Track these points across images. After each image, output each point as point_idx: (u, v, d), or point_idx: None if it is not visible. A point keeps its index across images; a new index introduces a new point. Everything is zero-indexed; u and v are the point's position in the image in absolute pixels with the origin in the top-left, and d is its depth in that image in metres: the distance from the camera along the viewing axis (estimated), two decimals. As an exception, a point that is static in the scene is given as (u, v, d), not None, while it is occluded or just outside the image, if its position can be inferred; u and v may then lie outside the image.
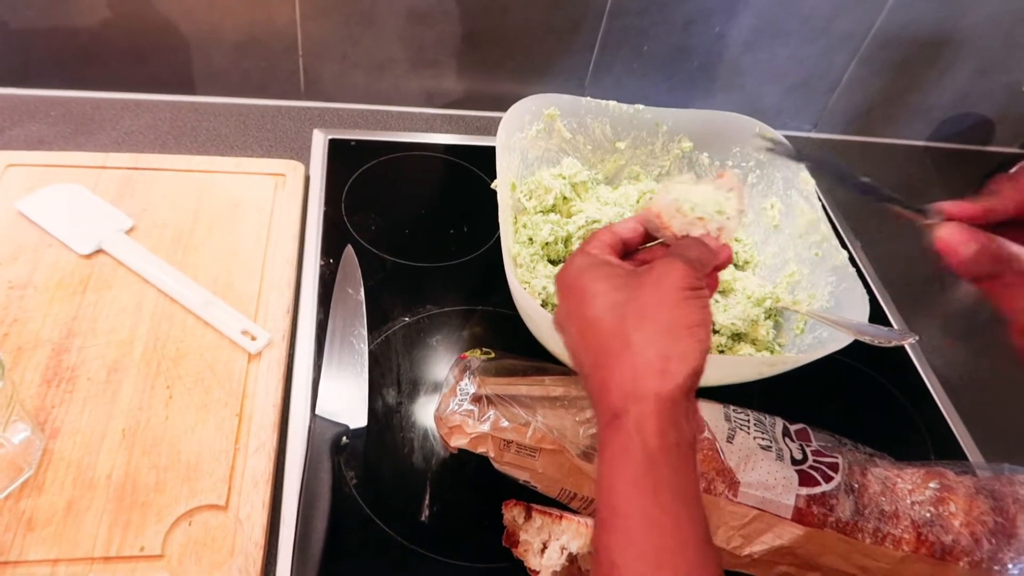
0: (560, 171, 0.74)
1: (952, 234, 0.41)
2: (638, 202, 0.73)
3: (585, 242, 0.46)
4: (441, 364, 0.67)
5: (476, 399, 0.56)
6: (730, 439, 0.55)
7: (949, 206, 0.42)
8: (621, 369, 0.38)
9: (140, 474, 0.55)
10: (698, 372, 0.39)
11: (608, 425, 0.38)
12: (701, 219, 0.45)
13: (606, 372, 0.39)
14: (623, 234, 0.47)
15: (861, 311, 0.60)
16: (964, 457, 0.69)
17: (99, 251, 0.68)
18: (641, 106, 0.75)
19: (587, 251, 0.45)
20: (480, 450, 0.55)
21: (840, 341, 0.58)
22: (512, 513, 0.56)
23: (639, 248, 0.48)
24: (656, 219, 0.46)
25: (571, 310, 0.42)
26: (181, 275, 0.67)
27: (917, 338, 0.57)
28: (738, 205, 0.47)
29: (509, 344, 0.64)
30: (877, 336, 0.57)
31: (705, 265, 0.43)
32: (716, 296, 0.70)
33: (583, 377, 0.41)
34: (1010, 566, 0.52)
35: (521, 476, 0.56)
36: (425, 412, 0.63)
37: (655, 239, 0.48)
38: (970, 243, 0.40)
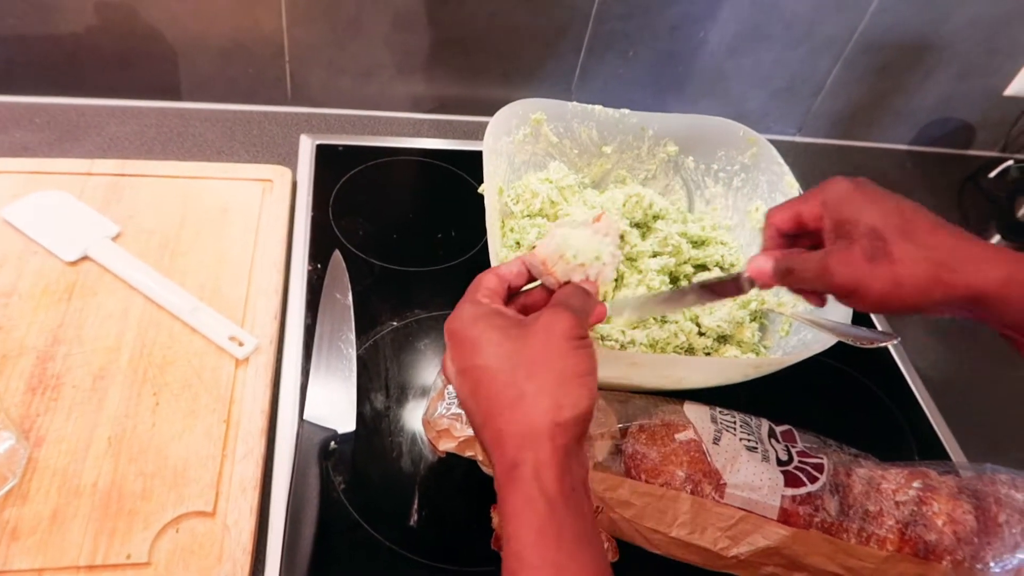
0: (547, 175, 0.75)
1: (754, 263, 0.48)
2: (624, 205, 0.73)
3: (471, 289, 0.46)
4: (429, 368, 0.67)
5: (464, 403, 0.56)
6: (716, 441, 0.56)
7: (755, 257, 0.49)
8: (515, 419, 0.39)
9: (126, 481, 0.55)
10: (587, 419, 0.40)
11: (506, 475, 0.38)
12: (582, 265, 0.46)
13: (501, 422, 0.39)
14: (508, 278, 0.47)
15: (844, 313, 0.60)
16: (947, 457, 0.70)
17: (85, 258, 0.68)
18: (627, 110, 0.76)
19: (476, 300, 0.45)
20: (468, 454, 0.55)
21: (824, 342, 0.58)
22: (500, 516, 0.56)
23: (520, 291, 0.49)
24: (541, 265, 0.47)
25: (462, 361, 0.42)
26: (168, 281, 0.67)
27: (898, 339, 0.58)
28: (613, 251, 0.48)
29: (497, 348, 0.64)
30: (860, 337, 0.57)
31: (587, 314, 0.44)
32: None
33: (476, 428, 0.42)
34: (992, 564, 0.53)
35: (509, 480, 0.56)
36: (413, 416, 0.64)
37: (536, 280, 0.49)
38: (767, 261, 0.48)
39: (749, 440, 0.57)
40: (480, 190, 0.67)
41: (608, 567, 0.38)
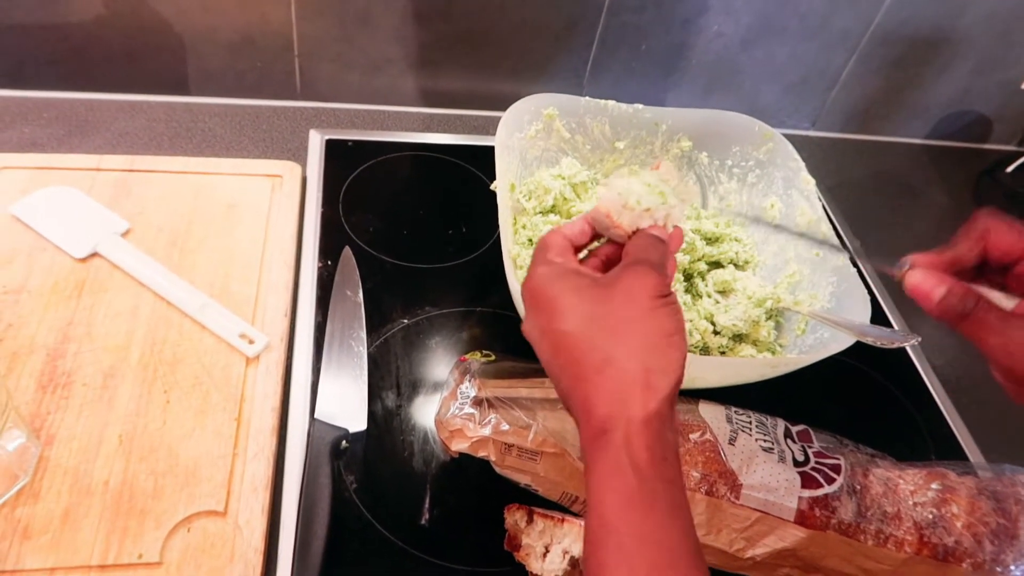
0: (559, 171, 0.74)
1: (923, 280, 0.43)
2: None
3: (541, 249, 0.45)
4: (441, 366, 0.67)
5: (477, 402, 0.55)
6: (732, 441, 0.55)
7: (918, 257, 0.44)
8: (604, 385, 0.38)
9: (138, 480, 0.54)
10: (679, 382, 0.38)
11: (595, 441, 0.37)
12: (648, 210, 0.45)
13: (589, 387, 0.38)
14: (572, 237, 0.46)
15: (863, 312, 0.60)
16: (965, 458, 0.69)
17: (94, 254, 0.68)
18: (640, 105, 0.75)
19: (549, 259, 0.44)
20: (481, 454, 0.55)
21: (842, 342, 0.58)
22: (514, 517, 0.55)
23: (587, 249, 0.48)
24: (606, 219, 0.46)
25: (542, 324, 0.41)
26: (177, 278, 0.67)
27: (919, 339, 0.57)
28: (681, 191, 0.47)
29: (509, 346, 0.64)
30: (880, 337, 0.56)
31: (666, 265, 0.43)
32: (717, 297, 0.70)
33: (561, 392, 0.41)
34: (1012, 567, 0.52)
35: (522, 480, 0.56)
36: (425, 415, 0.63)
37: (601, 237, 0.48)
38: (939, 286, 0.42)
39: (765, 440, 0.56)
40: (492, 187, 0.66)
41: (696, 540, 0.36)
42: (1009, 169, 1.02)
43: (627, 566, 0.34)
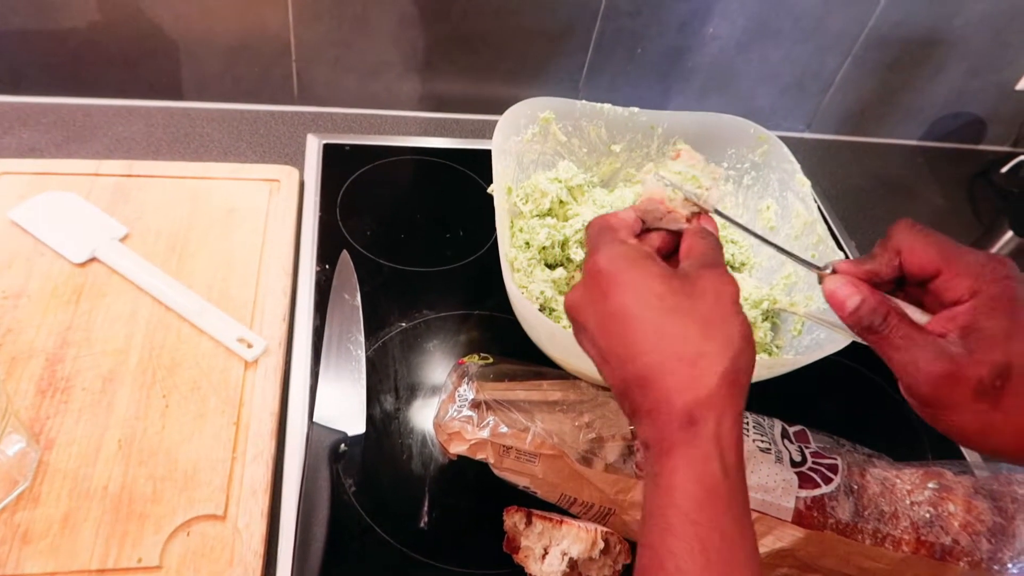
0: (556, 175, 0.74)
1: (839, 287, 0.41)
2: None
3: (608, 229, 0.44)
4: (439, 369, 0.67)
5: (475, 405, 0.56)
6: (729, 442, 0.55)
7: (840, 263, 0.43)
8: (698, 377, 0.37)
9: (137, 485, 0.55)
10: (749, 383, 0.39)
11: (680, 431, 0.37)
12: (688, 200, 0.46)
13: (673, 378, 0.38)
14: (632, 226, 0.46)
15: (858, 312, 0.60)
16: (961, 457, 0.69)
17: (93, 259, 0.68)
18: (636, 108, 0.75)
19: (622, 239, 0.43)
20: (479, 456, 0.55)
21: (838, 343, 0.58)
22: (513, 519, 0.55)
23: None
24: (660, 205, 0.46)
25: (609, 305, 0.40)
26: (176, 283, 0.67)
27: (912, 339, 0.57)
28: (709, 172, 0.48)
29: (506, 348, 0.64)
30: (875, 337, 0.56)
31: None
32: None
33: (619, 376, 0.40)
34: (1010, 566, 0.52)
35: (521, 482, 0.56)
36: (423, 418, 0.63)
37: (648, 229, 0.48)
38: (854, 295, 0.40)
39: (762, 441, 0.56)
40: (489, 190, 0.66)
41: (758, 548, 0.37)
42: (1003, 170, 1.03)
43: (703, 559, 0.34)
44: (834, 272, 0.42)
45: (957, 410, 0.36)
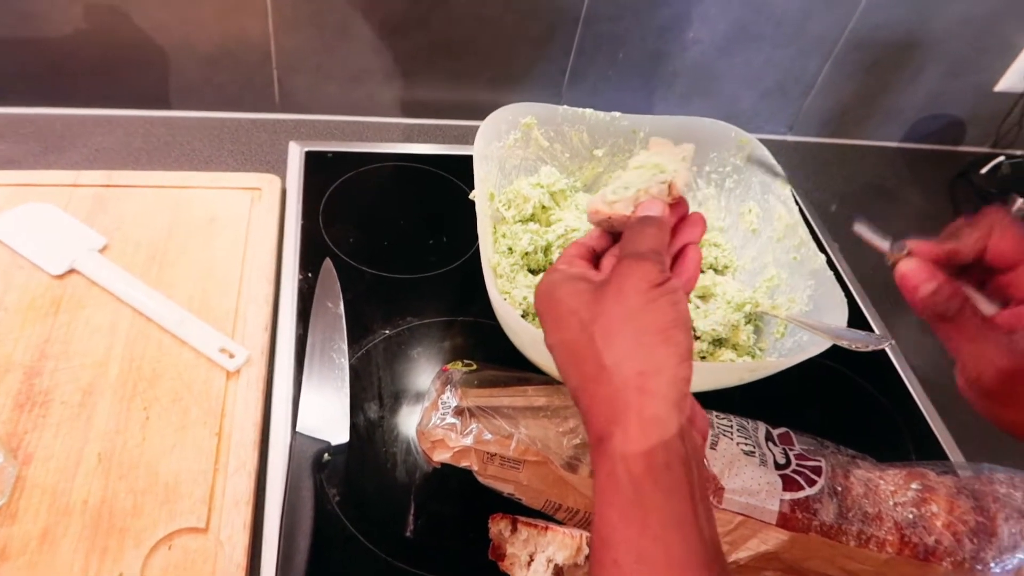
0: (538, 180, 0.74)
1: (914, 271, 0.40)
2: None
3: (558, 259, 0.45)
4: (423, 376, 0.67)
5: (458, 412, 0.55)
6: (713, 445, 0.55)
7: (915, 243, 0.42)
8: (600, 392, 0.36)
9: (117, 498, 0.54)
10: (680, 379, 0.36)
11: (595, 450, 0.36)
12: (640, 191, 0.43)
13: (588, 396, 0.37)
14: (589, 243, 0.45)
15: (840, 314, 0.60)
16: (944, 457, 0.70)
17: (72, 271, 0.67)
18: (618, 113, 0.75)
19: (557, 268, 0.43)
20: (463, 464, 0.55)
21: (820, 344, 0.58)
22: (498, 526, 0.55)
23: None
24: (599, 216, 0.44)
25: (548, 336, 0.41)
26: (156, 293, 0.66)
27: (892, 342, 0.58)
28: (676, 153, 0.45)
29: (490, 354, 0.64)
30: (855, 340, 0.57)
31: (661, 250, 0.40)
32: (696, 301, 0.70)
33: (574, 400, 0.39)
34: (992, 565, 0.52)
35: (505, 489, 0.56)
36: (407, 426, 0.63)
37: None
38: (930, 282, 0.40)
39: (746, 444, 0.56)
40: (471, 196, 0.66)
41: (708, 550, 0.34)
42: (983, 171, 1.04)
43: None
44: (909, 254, 0.41)
45: (1019, 407, 0.37)
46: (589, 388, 0.37)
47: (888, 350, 0.78)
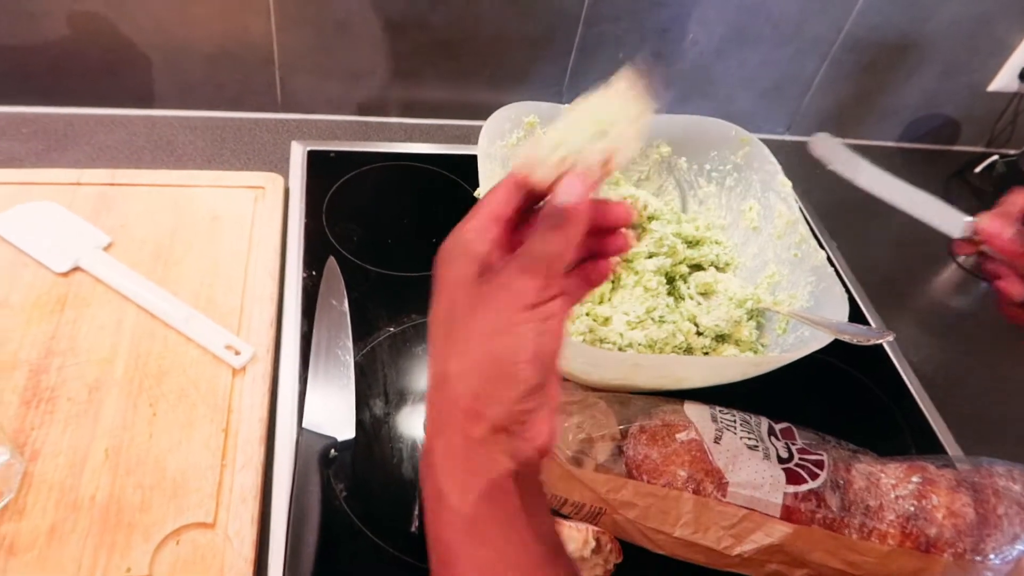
0: (541, 178, 0.74)
1: (991, 222, 0.51)
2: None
3: (474, 216, 0.36)
4: (427, 374, 0.67)
5: (465, 408, 0.56)
6: (717, 440, 0.56)
7: (982, 214, 0.51)
8: (435, 402, 0.34)
9: (125, 494, 0.54)
10: (517, 412, 0.32)
11: (423, 458, 0.34)
12: (567, 157, 0.35)
13: (429, 392, 0.34)
14: (509, 206, 0.36)
15: (841, 310, 0.61)
16: (943, 451, 0.71)
17: (76, 269, 0.67)
18: (619, 112, 0.76)
19: (466, 230, 0.35)
20: (470, 459, 0.55)
21: (821, 340, 0.59)
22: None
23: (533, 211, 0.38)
24: (518, 175, 0.36)
25: (433, 301, 0.35)
26: (161, 291, 0.66)
27: (894, 336, 0.59)
28: (634, 114, 0.36)
29: (495, 352, 0.64)
30: (856, 335, 0.58)
31: (561, 254, 0.34)
32: (699, 299, 0.71)
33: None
34: (992, 556, 0.53)
35: (512, 483, 0.56)
36: (413, 422, 0.63)
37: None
38: (1008, 227, 0.50)
39: (750, 438, 0.57)
40: (476, 194, 0.67)
41: (549, 548, 0.33)
42: (978, 170, 1.05)
43: None
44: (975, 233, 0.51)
45: None
46: (431, 385, 0.34)
47: (887, 347, 0.79)
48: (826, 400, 0.72)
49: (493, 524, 0.32)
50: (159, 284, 0.67)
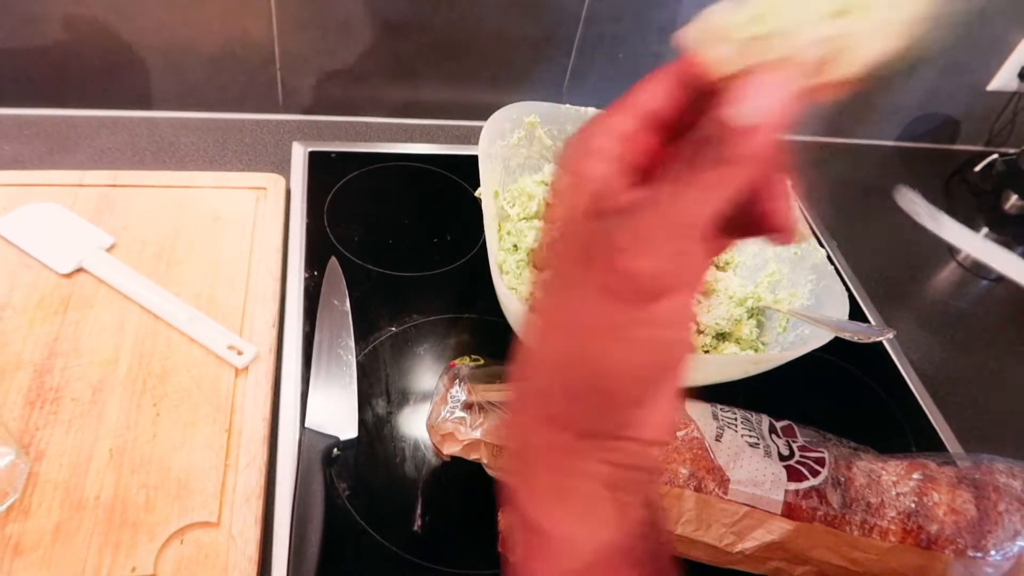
0: (542, 178, 0.75)
1: None
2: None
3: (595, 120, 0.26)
4: (429, 373, 0.67)
5: (467, 406, 0.56)
6: (718, 437, 0.56)
7: None
8: (516, 383, 0.28)
9: (129, 494, 0.54)
10: (608, 429, 0.27)
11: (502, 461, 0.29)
12: (772, 40, 0.22)
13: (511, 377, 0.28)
14: (648, 103, 0.25)
15: (841, 308, 0.61)
16: (943, 448, 0.71)
17: (79, 270, 0.68)
18: (619, 112, 0.76)
19: (588, 131, 0.26)
20: (473, 457, 0.55)
21: (821, 338, 0.59)
22: (509, 519, 0.56)
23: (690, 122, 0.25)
24: (690, 66, 0.24)
25: (547, 285, 0.27)
26: (164, 291, 0.67)
27: (894, 333, 0.59)
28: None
29: (497, 351, 0.64)
30: (856, 332, 0.58)
31: (706, 223, 0.23)
32: (699, 297, 0.71)
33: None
34: (993, 552, 0.53)
35: (514, 482, 0.56)
36: (415, 421, 0.64)
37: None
38: None
39: (751, 436, 0.57)
40: (477, 194, 0.67)
41: None
42: (977, 168, 1.05)
43: None
44: None
45: None
46: (518, 360, 0.26)
47: (887, 345, 0.79)
48: (827, 398, 0.73)
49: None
50: (162, 285, 0.67)
